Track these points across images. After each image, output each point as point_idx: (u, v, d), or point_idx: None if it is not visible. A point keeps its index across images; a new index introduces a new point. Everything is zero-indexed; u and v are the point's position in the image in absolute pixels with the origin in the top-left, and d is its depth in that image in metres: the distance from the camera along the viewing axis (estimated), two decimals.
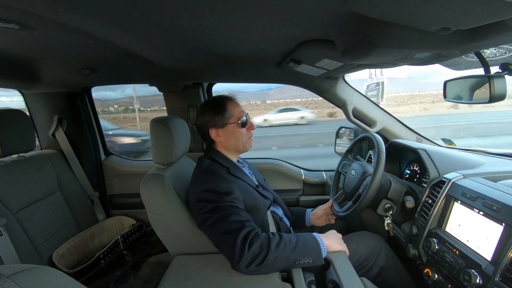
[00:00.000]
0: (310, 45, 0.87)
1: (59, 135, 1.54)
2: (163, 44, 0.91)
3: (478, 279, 0.69)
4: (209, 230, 0.88)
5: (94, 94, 1.73)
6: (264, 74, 1.42)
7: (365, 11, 0.54)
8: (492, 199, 0.74)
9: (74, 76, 1.38)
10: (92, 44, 0.93)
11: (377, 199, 1.02)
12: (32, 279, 0.37)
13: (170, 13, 0.64)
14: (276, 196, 1.18)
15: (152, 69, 1.28)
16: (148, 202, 0.98)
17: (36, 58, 1.14)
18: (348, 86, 1.41)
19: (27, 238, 1.16)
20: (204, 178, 0.93)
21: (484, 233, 0.73)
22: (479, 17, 0.49)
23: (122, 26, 0.71)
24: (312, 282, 0.81)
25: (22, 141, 1.22)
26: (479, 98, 0.79)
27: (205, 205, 0.87)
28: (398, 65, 0.90)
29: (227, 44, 0.94)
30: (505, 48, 0.78)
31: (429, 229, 0.90)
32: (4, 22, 0.68)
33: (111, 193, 1.77)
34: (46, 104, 1.53)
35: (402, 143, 1.27)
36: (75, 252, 1.35)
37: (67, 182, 1.46)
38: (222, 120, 0.99)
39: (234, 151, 1.05)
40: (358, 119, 1.43)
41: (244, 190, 0.96)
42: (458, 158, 1.07)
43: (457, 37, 0.61)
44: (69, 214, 1.41)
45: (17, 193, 1.17)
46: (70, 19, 0.64)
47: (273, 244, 0.79)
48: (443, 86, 0.92)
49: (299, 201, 1.64)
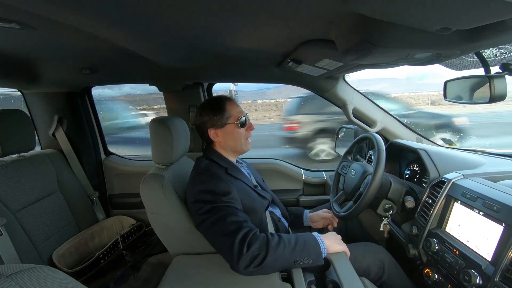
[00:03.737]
0: (311, 45, 0.87)
1: (59, 134, 1.54)
2: (164, 44, 0.91)
3: (478, 279, 0.68)
4: (207, 231, 0.87)
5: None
6: (264, 74, 1.42)
7: (365, 11, 0.54)
8: (492, 199, 0.74)
9: (74, 75, 1.38)
10: (92, 44, 0.93)
11: (377, 199, 1.02)
12: (32, 278, 0.37)
13: (171, 13, 0.64)
14: (274, 196, 1.18)
15: (153, 69, 1.28)
16: (148, 202, 0.98)
17: (37, 58, 1.14)
18: (349, 86, 1.41)
19: (27, 237, 1.16)
20: (201, 178, 0.92)
21: (484, 233, 0.73)
22: (479, 17, 0.49)
23: (123, 26, 0.71)
24: (312, 282, 0.81)
25: (22, 141, 1.22)
26: (479, 98, 0.79)
27: (202, 206, 0.86)
28: (398, 65, 0.90)
29: (227, 44, 0.94)
30: (505, 48, 0.78)
31: (429, 229, 0.90)
32: (4, 21, 0.68)
33: (111, 193, 1.77)
34: (46, 104, 1.53)
35: (402, 143, 1.27)
36: (75, 251, 1.35)
37: (67, 182, 1.46)
38: (221, 120, 0.98)
39: (232, 151, 1.04)
40: (358, 119, 1.43)
41: (242, 190, 0.95)
42: (458, 158, 1.07)
43: (457, 37, 0.61)
44: (69, 213, 1.41)
45: (17, 193, 1.17)
46: (70, 18, 0.64)
47: (272, 245, 0.78)
48: (443, 86, 0.92)
49: (299, 201, 1.64)
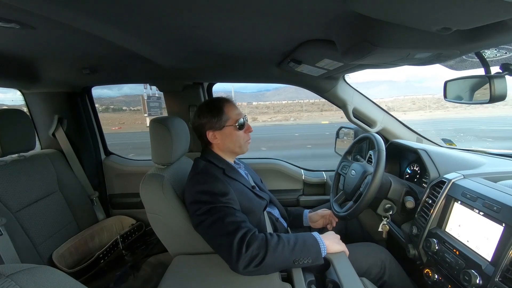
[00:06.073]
0: (311, 45, 0.87)
1: (59, 134, 1.54)
2: (164, 44, 0.91)
3: (478, 279, 0.68)
4: (205, 231, 0.87)
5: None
6: (264, 74, 1.42)
7: (365, 11, 0.54)
8: (492, 199, 0.74)
9: (74, 75, 1.38)
10: (92, 44, 0.93)
11: (377, 199, 1.02)
12: (32, 278, 0.37)
13: (171, 13, 0.64)
14: (272, 197, 1.18)
15: (153, 69, 1.28)
16: (148, 202, 0.97)
17: (37, 58, 1.14)
18: (349, 86, 1.41)
19: (27, 237, 1.16)
20: (199, 179, 0.92)
21: (484, 234, 0.73)
22: (479, 17, 0.49)
23: (123, 26, 0.71)
24: (312, 282, 0.81)
25: (22, 141, 1.22)
26: (479, 99, 0.79)
27: (200, 207, 0.86)
28: (399, 65, 0.89)
29: (228, 44, 0.94)
30: (505, 48, 0.78)
31: (429, 229, 0.90)
32: (4, 21, 0.68)
33: (111, 193, 1.77)
34: (47, 104, 1.53)
35: (402, 143, 1.27)
36: (75, 251, 1.35)
37: (67, 182, 1.46)
38: (219, 122, 0.97)
39: (230, 153, 1.04)
40: (358, 119, 1.43)
41: (240, 191, 0.95)
42: (458, 159, 1.07)
43: (457, 37, 0.61)
44: (69, 213, 1.41)
45: (17, 193, 1.17)
46: (70, 18, 0.64)
47: (271, 245, 0.78)
48: (444, 86, 0.92)
49: (299, 201, 1.64)
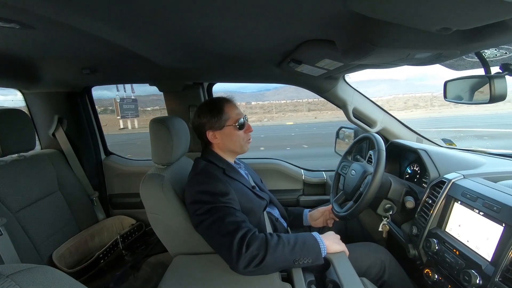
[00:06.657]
0: (311, 45, 0.87)
1: (59, 134, 1.54)
2: (164, 44, 0.91)
3: (478, 279, 0.68)
4: (205, 231, 0.87)
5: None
6: (264, 74, 1.42)
7: (365, 11, 0.54)
8: (492, 199, 0.74)
9: (74, 75, 1.38)
10: (92, 44, 0.93)
11: (377, 199, 1.02)
12: (32, 278, 0.37)
13: (171, 13, 0.64)
14: (272, 197, 1.18)
15: (153, 69, 1.28)
16: (148, 202, 0.97)
17: (37, 58, 1.14)
18: (349, 86, 1.41)
19: (27, 237, 1.16)
20: (199, 179, 0.92)
21: (484, 234, 0.73)
22: (479, 17, 0.49)
23: (123, 26, 0.71)
24: (312, 282, 0.81)
25: (22, 141, 1.22)
26: (479, 99, 0.79)
27: (200, 207, 0.86)
28: (399, 65, 0.89)
29: (228, 44, 0.94)
30: (505, 48, 0.78)
31: (429, 229, 0.90)
32: (4, 21, 0.68)
33: (111, 193, 1.77)
34: (47, 104, 1.53)
35: (402, 143, 1.27)
36: (75, 251, 1.35)
37: (67, 182, 1.46)
38: (219, 122, 0.97)
39: (231, 152, 1.04)
40: (358, 119, 1.43)
41: (240, 191, 0.95)
42: (458, 159, 1.07)
43: (457, 37, 0.61)
44: (69, 213, 1.41)
45: (17, 193, 1.17)
46: (70, 18, 0.64)
47: (271, 245, 0.78)
48: (444, 86, 0.92)
49: (299, 201, 1.64)
